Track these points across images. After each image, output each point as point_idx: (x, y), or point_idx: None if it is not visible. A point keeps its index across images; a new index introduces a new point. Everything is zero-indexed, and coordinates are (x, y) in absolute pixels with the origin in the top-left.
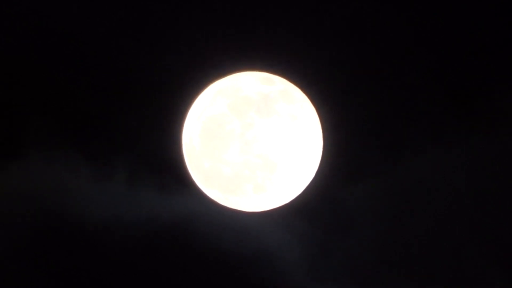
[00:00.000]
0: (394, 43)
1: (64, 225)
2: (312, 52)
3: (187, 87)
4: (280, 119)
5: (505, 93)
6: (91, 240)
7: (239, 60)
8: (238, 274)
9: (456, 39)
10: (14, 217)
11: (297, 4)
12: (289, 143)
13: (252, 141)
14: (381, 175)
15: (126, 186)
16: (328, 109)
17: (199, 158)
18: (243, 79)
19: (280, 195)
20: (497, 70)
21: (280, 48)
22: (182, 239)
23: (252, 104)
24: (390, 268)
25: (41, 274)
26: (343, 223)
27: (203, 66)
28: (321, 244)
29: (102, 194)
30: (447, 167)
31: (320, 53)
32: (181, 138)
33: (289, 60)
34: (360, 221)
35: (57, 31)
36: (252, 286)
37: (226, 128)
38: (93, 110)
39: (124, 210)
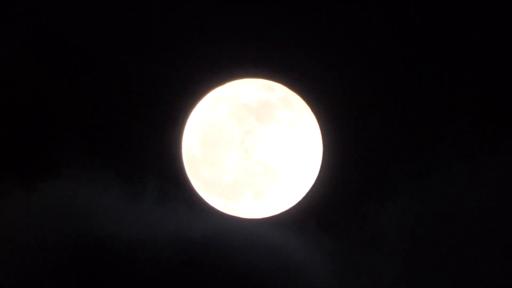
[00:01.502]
0: (401, 50)
1: (95, 244)
2: (312, 59)
3: (187, 94)
4: (280, 126)
5: None
6: (122, 259)
7: (239, 67)
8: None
9: (481, 50)
10: (46, 236)
11: (297, 11)
12: (289, 150)
13: (252, 148)
14: (380, 185)
15: (155, 204)
16: (327, 116)
17: (199, 165)
18: (243, 86)
19: (280, 202)
20: None
21: (280, 55)
22: (209, 254)
23: (252, 111)
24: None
25: None
26: (344, 228)
27: (202, 73)
28: (324, 251)
29: (131, 212)
30: (469, 185)
31: (321, 60)
32: (181, 145)
33: (289, 67)
34: (359, 227)
35: (82, 49)
36: None
37: (226, 135)
38: (95, 113)
39: (151, 228)
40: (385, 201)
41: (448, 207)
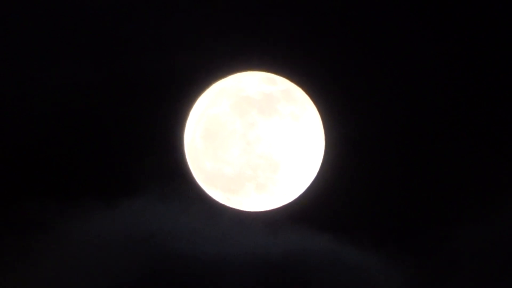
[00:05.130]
0: (405, 43)
1: (175, 263)
2: (314, 52)
3: (189, 87)
4: (282, 119)
5: None
6: (202, 279)
7: (241, 60)
8: None
9: None
10: (125, 253)
11: (300, 4)
12: (291, 143)
13: (254, 141)
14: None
15: (231, 223)
16: (330, 109)
17: (201, 158)
18: (245, 79)
19: (282, 195)
20: None
21: (282, 48)
22: (287, 275)
23: (254, 104)
24: None
25: None
26: (346, 224)
27: (205, 66)
28: (324, 248)
29: (211, 232)
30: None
31: (323, 53)
32: (183, 138)
33: (291, 60)
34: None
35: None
36: None
37: (228, 128)
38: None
39: (231, 248)
40: (360, 185)
41: None
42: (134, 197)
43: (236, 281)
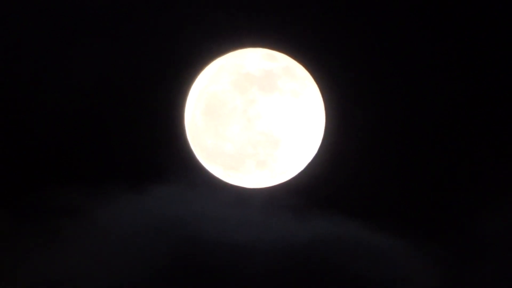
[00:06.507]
0: (405, 21)
1: (202, 250)
2: (315, 28)
3: (190, 64)
4: (283, 95)
5: None
6: (228, 265)
7: (242, 37)
8: None
9: None
10: (150, 239)
11: None
12: (292, 120)
13: (254, 118)
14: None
15: (260, 211)
16: (330, 85)
17: (201, 135)
18: (245, 56)
19: (282, 172)
20: None
21: (282, 25)
22: (311, 260)
23: (254, 80)
24: None
25: None
26: (353, 205)
27: (205, 42)
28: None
29: (238, 219)
30: None
31: (323, 29)
32: (184, 115)
33: (292, 36)
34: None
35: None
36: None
37: (229, 105)
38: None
39: (258, 235)
40: (357, 160)
41: None
42: (146, 180)
43: (262, 265)
